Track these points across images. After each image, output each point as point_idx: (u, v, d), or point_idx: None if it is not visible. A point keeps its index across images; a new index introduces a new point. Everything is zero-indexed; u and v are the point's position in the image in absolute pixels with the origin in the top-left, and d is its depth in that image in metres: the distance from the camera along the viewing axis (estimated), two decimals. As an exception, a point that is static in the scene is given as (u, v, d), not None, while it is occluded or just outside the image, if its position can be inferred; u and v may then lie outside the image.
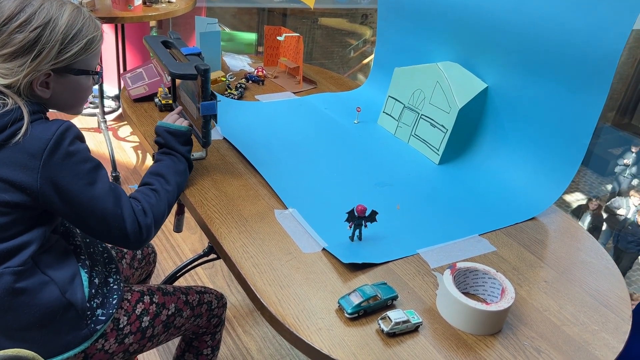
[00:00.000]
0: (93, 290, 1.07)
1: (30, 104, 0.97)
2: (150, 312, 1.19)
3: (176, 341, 1.46)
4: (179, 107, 1.35)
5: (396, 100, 1.63)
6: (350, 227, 1.10)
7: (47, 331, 1.02)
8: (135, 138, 3.35)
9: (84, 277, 1.07)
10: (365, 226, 1.11)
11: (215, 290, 1.38)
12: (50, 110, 1.06)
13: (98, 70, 1.08)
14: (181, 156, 1.20)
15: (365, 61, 5.22)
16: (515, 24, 1.33)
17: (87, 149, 1.01)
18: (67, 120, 0.99)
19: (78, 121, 3.49)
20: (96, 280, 1.09)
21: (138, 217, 1.03)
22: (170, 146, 1.21)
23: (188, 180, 1.26)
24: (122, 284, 1.16)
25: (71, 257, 1.07)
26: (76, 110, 1.11)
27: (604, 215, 4.58)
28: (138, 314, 1.17)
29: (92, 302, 1.07)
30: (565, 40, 1.22)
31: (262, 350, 1.96)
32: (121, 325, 1.13)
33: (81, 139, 1.01)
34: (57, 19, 0.97)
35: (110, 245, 1.38)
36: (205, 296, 1.33)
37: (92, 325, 1.06)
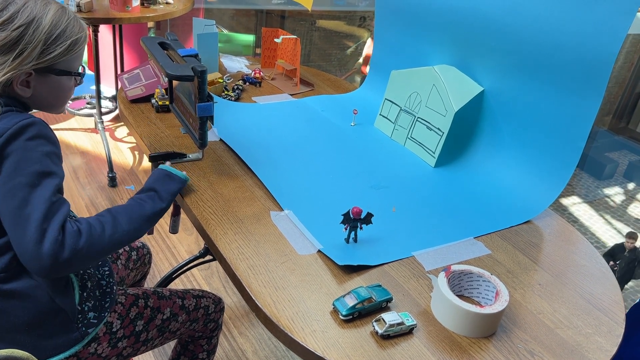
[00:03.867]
0: (85, 294, 1.06)
1: (4, 98, 0.96)
2: (145, 316, 1.18)
3: (172, 344, 1.45)
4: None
5: (393, 102, 1.63)
6: (346, 229, 1.10)
7: (37, 334, 1.01)
8: (132, 139, 3.35)
9: (74, 280, 1.05)
10: (361, 228, 1.11)
11: (213, 294, 1.37)
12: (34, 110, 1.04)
13: (81, 71, 1.07)
14: (165, 196, 1.10)
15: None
16: (511, 27, 1.33)
17: (49, 153, 0.93)
18: (37, 118, 0.96)
19: (75, 122, 3.49)
20: (88, 284, 1.08)
21: (66, 237, 0.89)
22: (157, 187, 1.12)
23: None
24: (115, 287, 1.15)
25: None
26: (57, 109, 1.09)
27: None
28: (132, 317, 1.16)
29: (84, 305, 1.06)
30: (561, 43, 1.23)
31: (257, 352, 1.96)
32: (114, 329, 1.12)
33: (47, 138, 0.94)
34: (41, 18, 0.96)
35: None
36: (202, 300, 1.32)
37: (84, 329, 1.05)
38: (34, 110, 1.06)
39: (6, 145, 0.90)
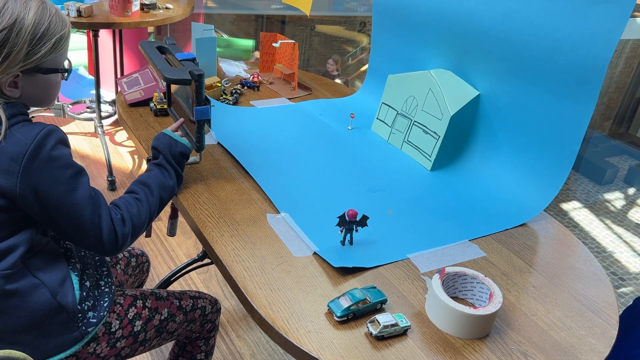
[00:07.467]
0: (84, 293, 1.08)
1: (7, 107, 0.96)
2: (143, 317, 1.19)
3: (170, 345, 1.46)
4: (182, 119, 1.33)
5: (389, 106, 1.64)
6: (342, 231, 1.11)
7: (38, 334, 1.02)
8: (131, 143, 3.36)
9: (75, 279, 1.07)
10: (357, 230, 1.12)
11: (209, 296, 1.38)
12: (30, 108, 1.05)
13: (68, 67, 1.06)
14: (173, 171, 1.19)
15: (363, 68, 5.24)
16: (506, 33, 1.34)
17: (70, 154, 0.99)
18: (51, 124, 0.97)
19: (75, 126, 3.50)
20: (87, 283, 1.10)
21: (116, 227, 1.03)
22: (167, 158, 1.19)
23: (182, 184, 1.26)
24: (113, 287, 1.16)
25: (61, 260, 1.07)
26: (48, 104, 1.09)
27: None
28: (130, 318, 1.17)
29: (83, 305, 1.07)
30: (555, 48, 1.24)
31: (255, 355, 1.96)
32: (113, 329, 1.13)
33: (64, 142, 0.99)
34: (23, 18, 0.94)
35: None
36: (199, 301, 1.33)
37: (84, 328, 1.06)
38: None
39: (33, 159, 0.93)
